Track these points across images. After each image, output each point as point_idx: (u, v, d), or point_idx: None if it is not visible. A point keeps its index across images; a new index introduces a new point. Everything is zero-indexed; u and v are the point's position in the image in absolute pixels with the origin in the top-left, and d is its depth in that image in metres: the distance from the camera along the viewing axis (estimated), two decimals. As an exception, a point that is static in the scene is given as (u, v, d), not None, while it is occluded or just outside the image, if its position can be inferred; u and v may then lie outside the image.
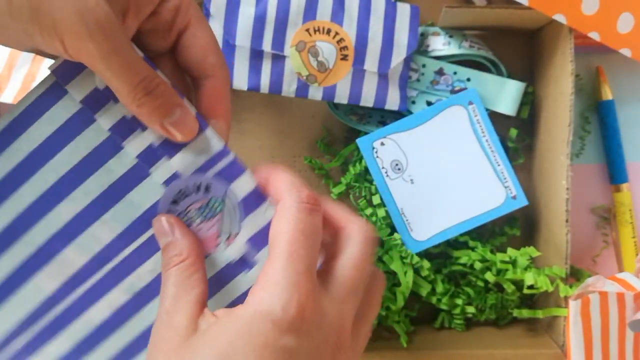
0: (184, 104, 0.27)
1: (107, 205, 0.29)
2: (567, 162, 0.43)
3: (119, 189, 0.28)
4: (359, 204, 0.47)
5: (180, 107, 0.27)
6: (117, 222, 0.29)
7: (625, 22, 0.42)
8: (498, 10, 0.43)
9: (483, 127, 0.44)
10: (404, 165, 0.45)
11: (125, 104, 0.26)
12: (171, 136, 0.27)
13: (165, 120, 0.26)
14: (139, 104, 0.25)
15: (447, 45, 0.46)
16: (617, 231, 0.50)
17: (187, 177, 0.28)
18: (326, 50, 0.42)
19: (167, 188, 0.29)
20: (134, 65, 0.25)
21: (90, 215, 0.28)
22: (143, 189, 0.29)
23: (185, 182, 0.29)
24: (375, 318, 0.46)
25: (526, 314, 0.46)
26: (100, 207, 0.28)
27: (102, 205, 0.28)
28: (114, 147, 0.28)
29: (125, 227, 0.29)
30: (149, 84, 0.25)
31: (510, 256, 0.45)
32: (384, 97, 0.45)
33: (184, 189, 0.29)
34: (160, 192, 0.29)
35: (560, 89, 0.44)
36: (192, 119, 0.27)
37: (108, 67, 0.24)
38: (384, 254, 0.45)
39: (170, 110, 0.26)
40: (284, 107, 0.52)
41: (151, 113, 0.26)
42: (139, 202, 0.29)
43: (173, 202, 0.29)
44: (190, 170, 0.28)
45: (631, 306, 0.42)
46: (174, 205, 0.29)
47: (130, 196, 0.29)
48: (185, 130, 0.27)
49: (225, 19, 0.42)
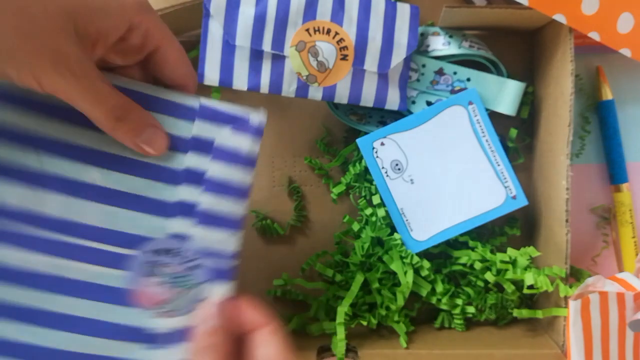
0: (155, 124, 0.30)
1: (118, 202, 0.30)
2: (567, 162, 0.43)
3: (139, 204, 0.30)
4: (359, 204, 0.47)
5: (151, 127, 0.30)
6: (111, 223, 0.29)
7: (625, 22, 0.42)
8: (498, 10, 0.43)
9: (483, 127, 0.44)
10: (404, 165, 0.45)
11: (102, 129, 0.29)
12: (144, 152, 0.30)
13: (138, 140, 0.29)
14: (113, 128, 0.29)
15: (447, 45, 0.46)
16: (617, 231, 0.50)
17: (194, 248, 0.30)
18: (326, 50, 0.42)
19: (171, 237, 0.30)
20: (106, 97, 0.28)
21: (102, 195, 0.30)
22: (153, 222, 0.30)
23: (189, 249, 0.30)
24: (375, 318, 0.47)
25: (526, 314, 0.46)
26: (113, 198, 0.30)
27: (116, 198, 0.30)
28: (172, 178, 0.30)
29: (114, 229, 0.29)
30: (120, 112, 0.29)
31: (510, 256, 0.45)
32: (384, 97, 0.45)
33: (182, 251, 0.30)
34: (164, 236, 0.30)
35: (560, 89, 0.44)
36: (162, 136, 0.30)
37: (83, 100, 0.27)
38: (384, 254, 0.45)
39: (141, 131, 0.29)
40: (284, 107, 0.52)
41: (124, 135, 0.29)
42: (139, 225, 0.30)
43: (162, 249, 0.30)
44: (200, 245, 0.30)
45: (631, 306, 0.42)
46: (158, 250, 0.30)
47: (139, 216, 0.30)
48: (155, 146, 0.30)
49: (225, 19, 0.42)
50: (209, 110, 0.31)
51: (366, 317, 0.47)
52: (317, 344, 0.45)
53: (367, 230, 0.46)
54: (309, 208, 0.52)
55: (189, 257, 0.30)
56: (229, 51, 0.42)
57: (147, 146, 0.30)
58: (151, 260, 0.30)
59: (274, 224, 0.51)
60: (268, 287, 0.51)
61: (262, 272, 0.52)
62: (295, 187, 0.52)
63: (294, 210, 0.51)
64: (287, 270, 0.51)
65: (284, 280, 0.49)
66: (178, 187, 0.30)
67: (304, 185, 0.52)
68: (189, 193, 0.30)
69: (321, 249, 0.51)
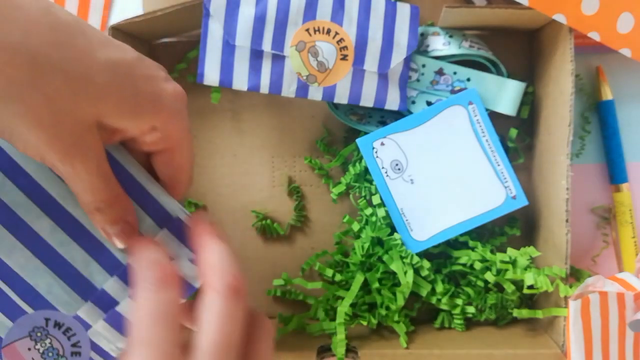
0: (133, 221, 0.28)
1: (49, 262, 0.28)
2: (567, 162, 0.43)
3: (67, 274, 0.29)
4: (359, 204, 0.47)
5: (127, 224, 0.28)
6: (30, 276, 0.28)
7: (625, 22, 0.42)
8: (498, 10, 0.43)
9: (483, 127, 0.44)
10: (404, 165, 0.45)
11: (80, 204, 0.27)
12: (110, 239, 0.28)
13: (109, 228, 0.27)
14: (90, 212, 0.27)
15: (447, 45, 0.46)
16: (617, 231, 0.50)
17: (86, 338, 0.29)
18: (326, 50, 0.42)
19: (74, 318, 0.29)
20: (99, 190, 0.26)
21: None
22: (69, 297, 0.29)
23: (82, 337, 0.29)
24: (375, 318, 0.47)
25: (526, 314, 0.46)
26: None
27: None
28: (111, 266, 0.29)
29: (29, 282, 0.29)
30: (104, 205, 0.27)
31: (510, 256, 0.45)
32: (384, 97, 0.45)
33: (75, 336, 0.29)
34: (69, 313, 0.29)
35: (560, 89, 0.44)
36: (133, 236, 0.28)
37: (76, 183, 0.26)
38: (384, 254, 0.45)
39: (116, 223, 0.27)
40: (284, 107, 0.52)
41: (98, 221, 0.27)
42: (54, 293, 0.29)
43: (60, 323, 0.29)
44: (93, 339, 0.29)
45: (631, 306, 0.42)
46: (56, 322, 0.29)
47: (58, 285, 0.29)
48: (121, 242, 0.28)
49: (225, 19, 0.42)
50: (183, 227, 0.30)
51: (366, 317, 0.47)
52: (317, 344, 0.45)
53: (367, 230, 0.46)
54: (309, 208, 0.52)
55: (77, 343, 0.29)
56: (229, 51, 0.42)
57: (115, 238, 0.28)
58: (42, 326, 0.29)
59: (274, 224, 0.51)
60: (268, 287, 0.51)
61: (262, 272, 0.52)
62: (295, 187, 0.52)
63: (294, 210, 0.51)
64: (287, 270, 0.51)
65: (284, 280, 0.49)
66: (110, 279, 0.29)
67: (304, 185, 0.52)
68: (118, 289, 0.29)
69: (321, 249, 0.51)
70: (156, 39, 0.52)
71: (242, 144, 0.52)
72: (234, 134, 0.52)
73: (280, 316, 0.49)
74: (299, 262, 0.52)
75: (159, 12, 0.43)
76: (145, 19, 0.44)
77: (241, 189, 0.52)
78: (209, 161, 0.52)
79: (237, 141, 0.52)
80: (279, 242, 0.52)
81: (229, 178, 0.52)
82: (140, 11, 0.52)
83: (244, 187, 0.52)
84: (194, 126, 0.52)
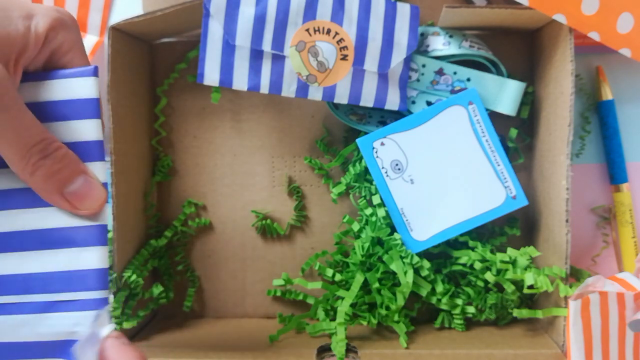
0: (88, 172, 0.23)
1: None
2: (567, 162, 0.43)
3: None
4: (359, 204, 0.47)
5: (83, 174, 0.23)
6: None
7: (625, 22, 0.42)
8: (498, 10, 0.43)
9: (483, 127, 0.44)
10: (404, 165, 0.45)
11: (17, 171, 0.22)
12: (73, 209, 0.23)
13: (66, 190, 0.22)
14: (32, 169, 0.22)
15: (447, 45, 0.46)
16: (617, 231, 0.50)
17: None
18: (326, 50, 0.42)
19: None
20: (28, 126, 0.22)
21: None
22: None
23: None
24: (375, 318, 0.47)
25: (526, 314, 0.46)
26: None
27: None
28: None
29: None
30: (46, 146, 0.22)
31: (510, 256, 0.45)
32: (383, 97, 0.45)
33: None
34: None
35: (560, 89, 0.44)
36: (98, 189, 0.23)
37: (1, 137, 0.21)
38: (384, 254, 0.45)
39: (71, 178, 0.23)
40: (284, 107, 0.52)
41: (47, 180, 0.22)
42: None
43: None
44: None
45: (631, 306, 0.42)
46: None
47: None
48: (88, 203, 0.23)
49: (225, 19, 0.42)
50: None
51: (366, 317, 0.47)
52: (317, 344, 0.45)
53: (367, 230, 0.46)
54: (309, 208, 0.52)
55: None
56: (229, 51, 0.42)
57: (77, 200, 0.23)
58: None
59: (274, 224, 0.51)
60: (268, 287, 0.51)
61: (262, 272, 0.52)
62: (295, 187, 0.52)
63: (294, 210, 0.51)
64: (287, 270, 0.51)
65: (284, 280, 0.49)
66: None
67: (304, 185, 0.52)
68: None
69: (321, 249, 0.51)
70: (156, 39, 0.52)
71: (242, 144, 0.52)
72: (234, 134, 0.52)
73: (280, 316, 0.49)
74: (299, 262, 0.52)
75: (158, 12, 0.43)
76: (145, 19, 0.44)
77: (241, 189, 0.52)
78: (209, 161, 0.52)
79: (237, 141, 0.52)
80: (279, 242, 0.52)
81: (229, 178, 0.52)
82: (140, 11, 0.52)
83: (244, 187, 0.52)
84: (194, 126, 0.52)
